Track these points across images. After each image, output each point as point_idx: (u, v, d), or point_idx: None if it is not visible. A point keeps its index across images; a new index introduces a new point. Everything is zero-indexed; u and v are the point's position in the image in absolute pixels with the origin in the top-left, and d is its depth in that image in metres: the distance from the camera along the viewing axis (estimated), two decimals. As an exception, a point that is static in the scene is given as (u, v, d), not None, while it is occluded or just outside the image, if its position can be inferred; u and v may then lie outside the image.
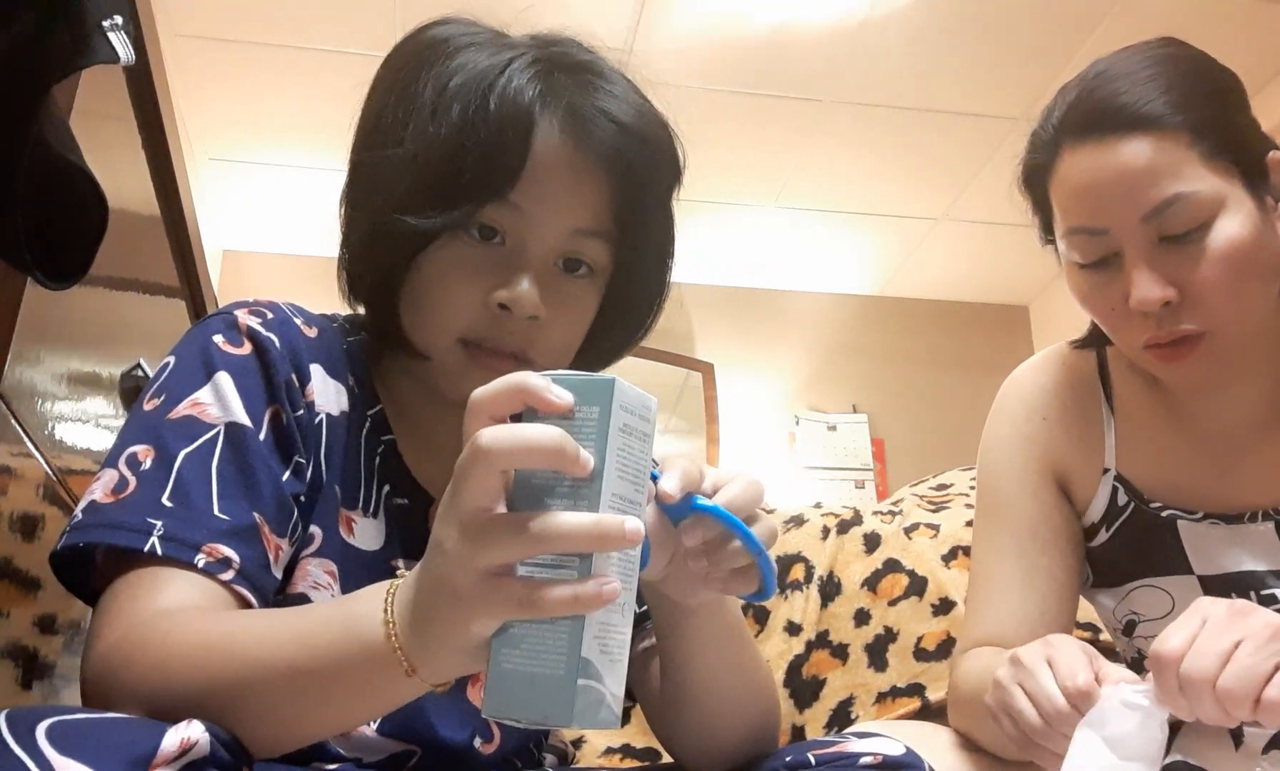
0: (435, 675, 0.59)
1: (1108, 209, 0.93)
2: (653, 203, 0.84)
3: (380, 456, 0.85)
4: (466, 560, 0.53)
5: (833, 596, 1.65)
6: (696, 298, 4.39)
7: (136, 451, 0.73)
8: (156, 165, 1.37)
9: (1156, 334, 0.93)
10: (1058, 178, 0.97)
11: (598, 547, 0.53)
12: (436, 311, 0.80)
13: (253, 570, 0.71)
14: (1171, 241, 0.91)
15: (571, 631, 0.53)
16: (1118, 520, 1.07)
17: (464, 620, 0.54)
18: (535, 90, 0.78)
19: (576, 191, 0.80)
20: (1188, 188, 0.90)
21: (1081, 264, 0.97)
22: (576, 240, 0.81)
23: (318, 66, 3.21)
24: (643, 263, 0.86)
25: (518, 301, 0.78)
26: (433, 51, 0.82)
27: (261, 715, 0.61)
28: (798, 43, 3.21)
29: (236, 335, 0.79)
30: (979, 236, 4.23)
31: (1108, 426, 1.09)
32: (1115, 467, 1.07)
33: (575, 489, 0.54)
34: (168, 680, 0.62)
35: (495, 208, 0.78)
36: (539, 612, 0.52)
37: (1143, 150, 0.91)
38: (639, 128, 0.81)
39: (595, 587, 0.52)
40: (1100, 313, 0.98)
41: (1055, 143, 0.97)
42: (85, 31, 0.91)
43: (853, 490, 4.29)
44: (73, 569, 0.73)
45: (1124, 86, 0.93)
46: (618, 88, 0.82)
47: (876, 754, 0.73)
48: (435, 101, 0.78)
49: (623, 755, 1.53)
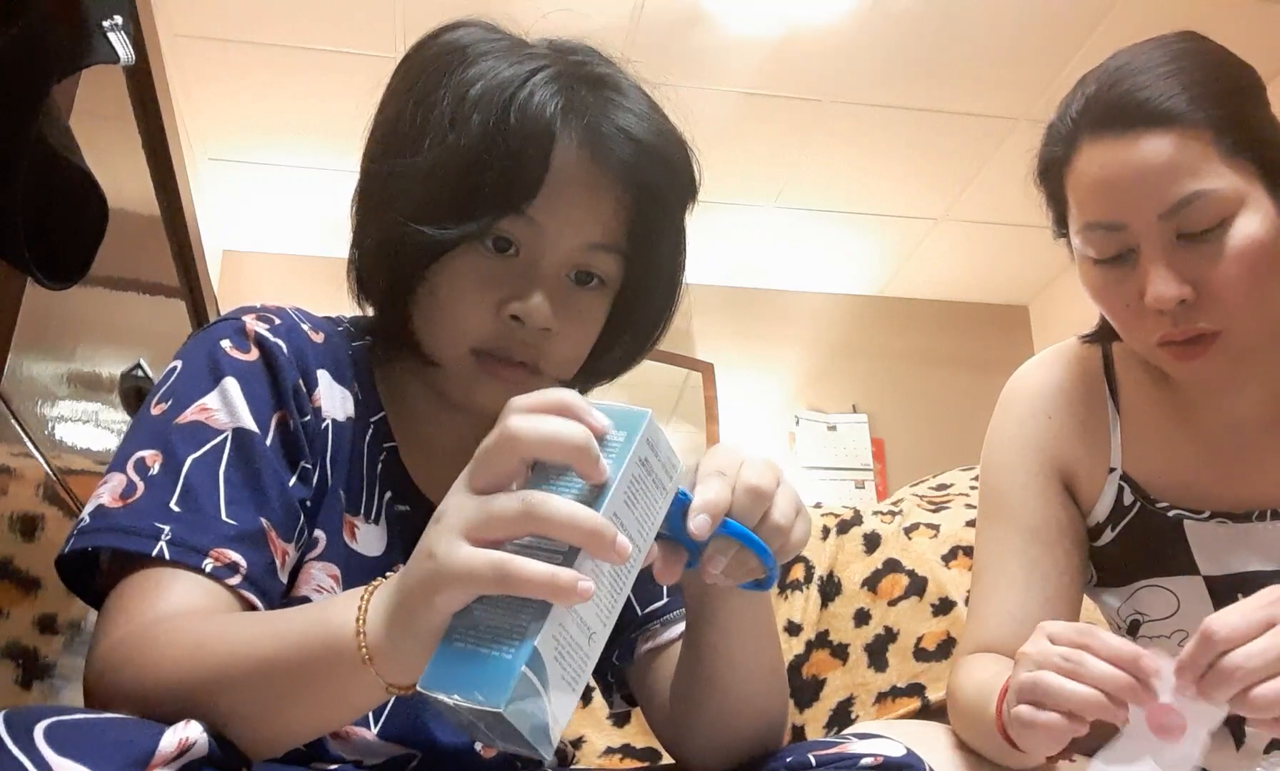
0: (393, 668, 0.58)
1: (1126, 204, 0.91)
2: (666, 219, 0.85)
3: (383, 463, 0.85)
4: (460, 527, 0.54)
5: (833, 596, 1.65)
6: (696, 298, 4.35)
7: (144, 456, 0.73)
8: (156, 165, 1.37)
9: (1171, 332, 0.92)
10: (1075, 171, 0.95)
11: (588, 543, 0.54)
12: (450, 321, 0.80)
13: (259, 575, 0.71)
14: (1189, 239, 0.90)
15: (533, 621, 0.53)
16: (1123, 520, 1.06)
17: (435, 588, 0.54)
18: (557, 106, 0.78)
19: (592, 207, 0.80)
20: (1207, 185, 0.89)
21: (1097, 259, 0.96)
22: (590, 254, 0.81)
23: (318, 66, 3.21)
24: (653, 276, 0.87)
25: (531, 314, 0.78)
26: (451, 58, 0.81)
27: (238, 712, 0.62)
28: (798, 43, 3.21)
29: (244, 341, 0.79)
30: (979, 236, 4.23)
31: (1113, 425, 1.08)
32: (1121, 467, 1.07)
33: (581, 497, 0.55)
34: (159, 680, 0.62)
35: (511, 220, 0.78)
36: (512, 584, 0.53)
37: (1163, 146, 0.90)
38: (657, 146, 0.81)
39: (572, 578, 0.52)
40: (1114, 309, 0.97)
41: (1074, 136, 0.95)
42: (85, 31, 0.91)
43: (853, 490, 4.29)
44: (77, 571, 0.74)
45: (1145, 81, 0.92)
46: (637, 104, 0.82)
47: (877, 755, 0.73)
48: (454, 111, 0.78)
49: (623, 755, 1.53)
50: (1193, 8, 2.99)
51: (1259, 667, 0.73)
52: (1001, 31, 3.15)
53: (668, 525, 0.63)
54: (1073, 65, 3.20)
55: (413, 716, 0.81)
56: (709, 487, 0.63)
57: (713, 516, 0.62)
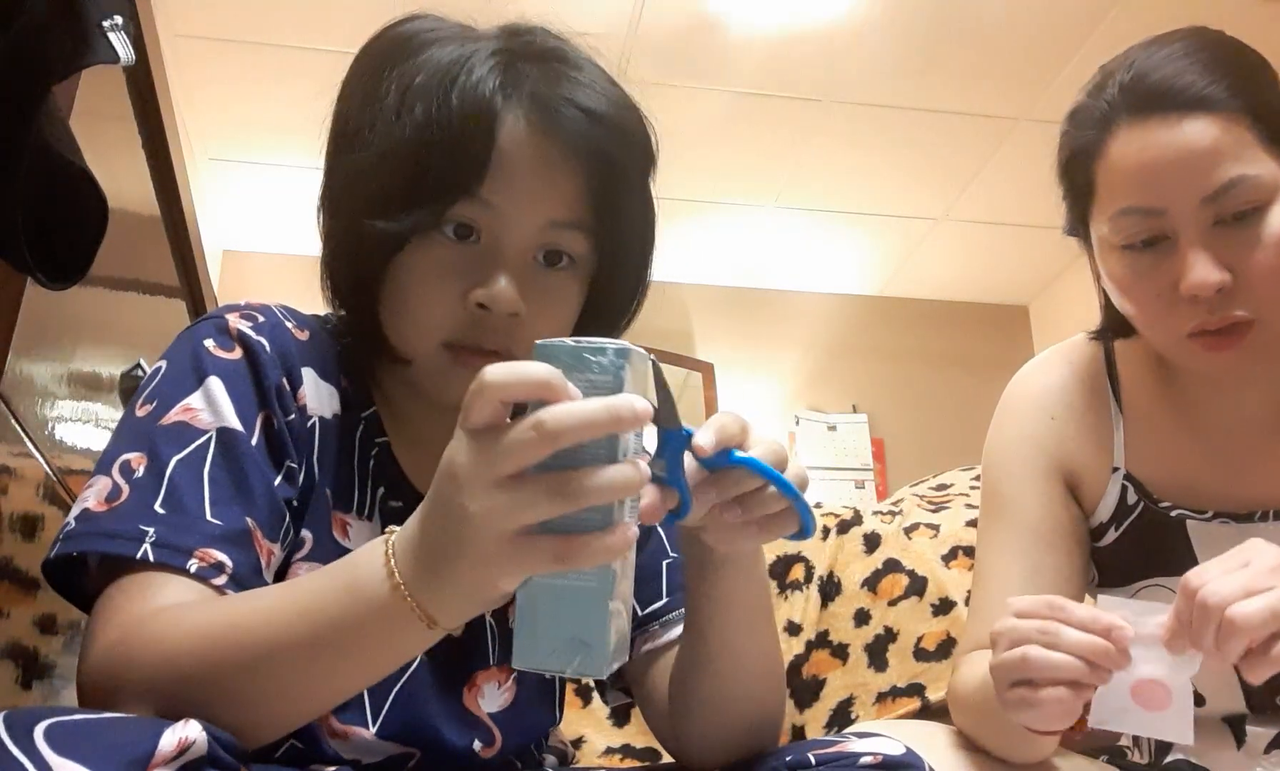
0: (451, 621, 0.60)
1: (1168, 188, 0.90)
2: (628, 189, 0.83)
3: (375, 459, 0.85)
4: (497, 522, 0.55)
5: (833, 596, 1.65)
6: (696, 298, 4.39)
7: (129, 459, 0.73)
8: (156, 165, 1.38)
9: (1206, 320, 0.91)
10: (1110, 156, 0.94)
11: (613, 426, 0.55)
12: (416, 315, 0.79)
13: (245, 575, 0.71)
14: (1226, 225, 0.90)
15: (600, 583, 0.57)
16: (1127, 519, 1.06)
17: (493, 579, 0.57)
18: (496, 81, 0.77)
19: (549, 182, 0.79)
20: (1250, 171, 0.89)
21: (1128, 246, 0.94)
22: (553, 232, 0.80)
23: (318, 66, 3.21)
24: (623, 251, 0.85)
25: (495, 300, 0.77)
26: (397, 50, 0.81)
27: (273, 693, 0.62)
28: (798, 43, 3.21)
29: (227, 339, 0.78)
30: (979, 236, 4.23)
31: (1117, 424, 1.07)
32: (1125, 466, 1.06)
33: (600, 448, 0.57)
34: (177, 672, 0.62)
35: (467, 204, 0.77)
36: (574, 563, 0.55)
37: (1208, 130, 0.89)
38: (608, 113, 0.79)
39: (622, 533, 0.56)
40: (1144, 299, 0.95)
41: (1109, 119, 0.94)
42: (85, 31, 0.91)
43: (853, 490, 4.29)
44: (67, 575, 0.74)
45: (1185, 66, 0.91)
46: (585, 74, 0.80)
47: (877, 754, 0.73)
48: (399, 101, 0.78)
49: (623, 755, 1.53)
50: (1193, 8, 2.99)
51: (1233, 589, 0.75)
52: (1001, 31, 3.15)
53: (665, 466, 0.64)
54: (1073, 65, 3.20)
55: (413, 716, 0.81)
56: (718, 419, 0.66)
57: (719, 437, 0.64)
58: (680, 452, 0.64)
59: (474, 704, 0.85)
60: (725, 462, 0.66)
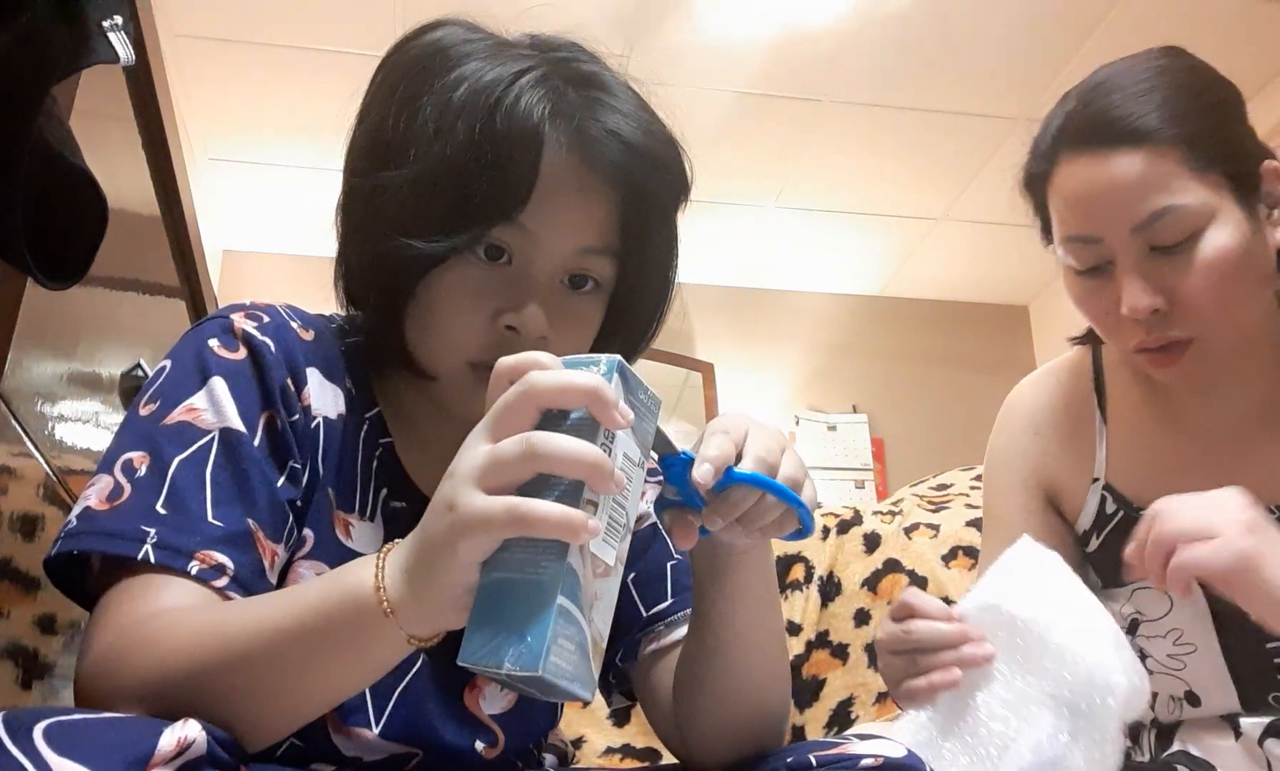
0: (415, 620, 0.60)
1: (1100, 219, 0.96)
2: (659, 219, 0.84)
3: (378, 459, 0.85)
4: (472, 476, 0.56)
5: (833, 596, 1.65)
6: (696, 298, 4.39)
7: (132, 458, 0.72)
8: (156, 165, 1.38)
9: (1146, 340, 0.97)
10: (1055, 186, 1.01)
11: (590, 476, 0.56)
12: (444, 334, 0.79)
13: (247, 576, 0.71)
14: (1161, 251, 0.95)
15: (552, 573, 0.56)
16: (1106, 527, 1.10)
17: (456, 535, 0.56)
18: (544, 109, 0.76)
19: (584, 211, 0.79)
20: (1177, 200, 0.93)
21: (1077, 270, 1.01)
22: (583, 258, 0.80)
23: (318, 66, 3.21)
24: (647, 276, 0.86)
25: (526, 324, 0.78)
26: (433, 61, 0.80)
27: (262, 696, 0.62)
28: (798, 43, 3.21)
29: (232, 339, 0.78)
30: (979, 236, 4.23)
31: (1099, 438, 1.12)
32: (1104, 477, 1.11)
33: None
34: (166, 674, 0.62)
35: (503, 228, 0.77)
36: (528, 525, 0.55)
37: (1134, 164, 0.94)
38: (647, 147, 0.80)
39: (584, 516, 0.55)
40: (1094, 317, 1.03)
41: (1053, 152, 1.01)
42: (85, 31, 0.91)
43: (853, 490, 4.30)
44: (68, 573, 0.73)
45: (1119, 100, 0.97)
46: (624, 103, 0.80)
47: (878, 755, 0.73)
48: (439, 119, 0.76)
49: (623, 755, 1.53)
50: (1192, 9, 3.00)
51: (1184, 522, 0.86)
52: (1001, 32, 3.15)
53: (678, 490, 0.67)
54: (1073, 65, 3.20)
55: (415, 715, 0.81)
56: (711, 443, 0.66)
57: (715, 467, 0.65)
58: (685, 474, 0.66)
59: (475, 705, 0.85)
60: (725, 482, 0.67)
